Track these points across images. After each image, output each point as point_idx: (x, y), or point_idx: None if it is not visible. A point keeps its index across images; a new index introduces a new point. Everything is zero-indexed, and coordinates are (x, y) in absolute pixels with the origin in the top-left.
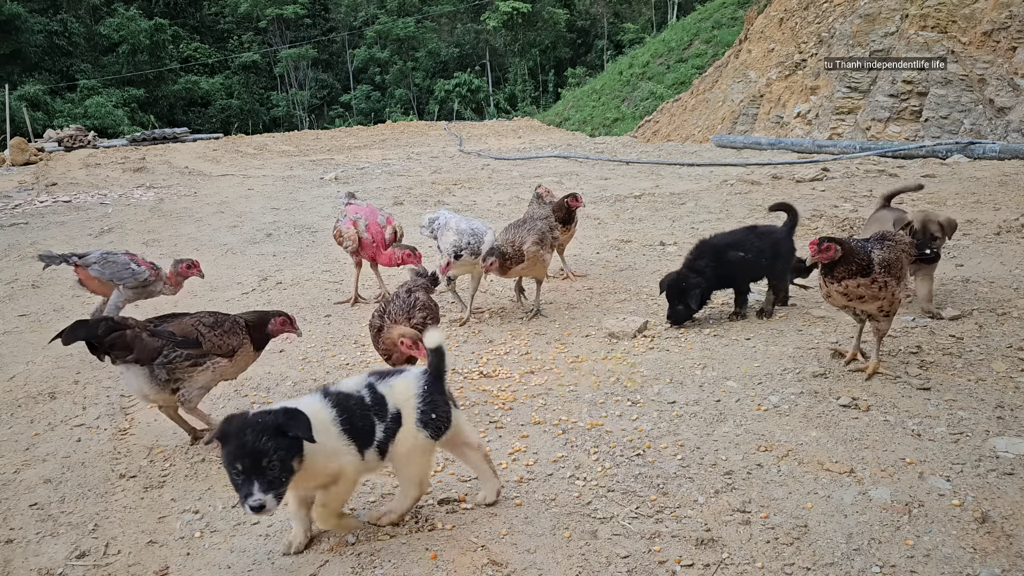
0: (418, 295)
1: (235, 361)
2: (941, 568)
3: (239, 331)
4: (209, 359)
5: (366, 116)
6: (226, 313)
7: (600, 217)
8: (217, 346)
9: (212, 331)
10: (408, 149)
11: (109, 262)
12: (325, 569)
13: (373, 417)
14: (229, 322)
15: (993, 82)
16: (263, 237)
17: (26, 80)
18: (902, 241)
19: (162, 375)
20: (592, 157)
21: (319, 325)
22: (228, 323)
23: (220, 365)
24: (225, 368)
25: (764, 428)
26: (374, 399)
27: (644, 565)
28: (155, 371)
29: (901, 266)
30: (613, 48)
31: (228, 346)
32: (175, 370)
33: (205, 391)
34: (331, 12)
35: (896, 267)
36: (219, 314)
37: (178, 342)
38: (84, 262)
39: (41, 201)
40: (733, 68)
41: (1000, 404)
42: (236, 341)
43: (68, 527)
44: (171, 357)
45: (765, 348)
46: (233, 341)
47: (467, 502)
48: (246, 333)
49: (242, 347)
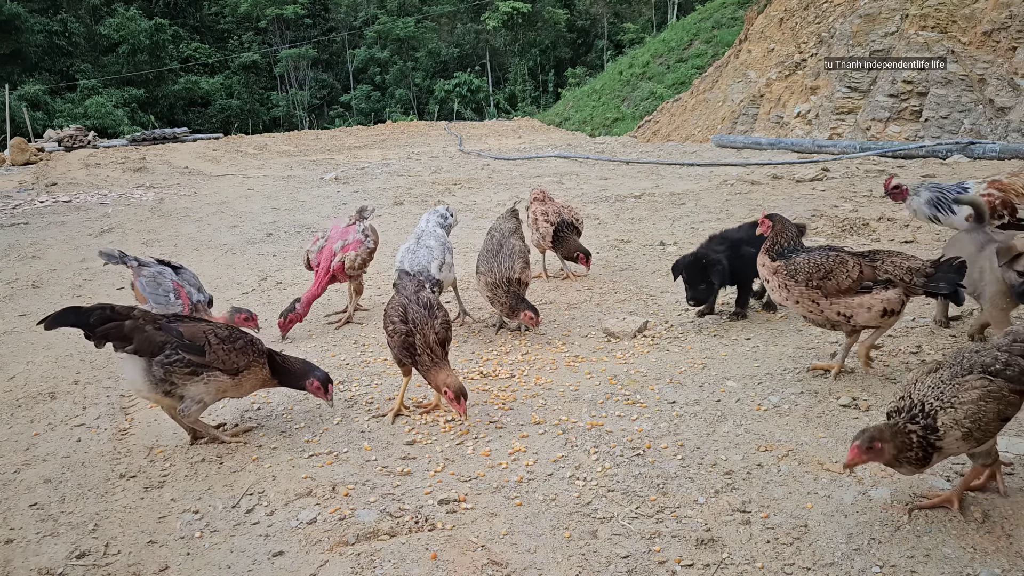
0: (423, 293)
1: (239, 381)
2: (941, 568)
3: (252, 353)
4: (208, 371)
5: (366, 116)
6: (247, 333)
7: (600, 217)
8: (221, 360)
9: (222, 344)
10: (408, 149)
11: (155, 283)
12: (325, 569)
13: None
14: (244, 340)
15: (993, 82)
16: (263, 237)
17: (26, 80)
18: (846, 264)
19: (158, 373)
20: (592, 157)
21: (319, 325)
22: (243, 341)
23: (218, 380)
24: (225, 385)
25: (764, 428)
26: None
27: (644, 565)
28: (152, 367)
29: (830, 280)
30: (613, 48)
31: (233, 364)
32: (172, 373)
33: (204, 406)
34: (331, 12)
35: (818, 278)
36: (238, 331)
37: (183, 345)
38: (138, 272)
39: (41, 201)
40: (733, 68)
41: None
42: (244, 361)
43: (68, 527)
44: (171, 359)
45: (765, 348)
46: (240, 360)
47: (467, 502)
48: (262, 358)
49: (250, 369)
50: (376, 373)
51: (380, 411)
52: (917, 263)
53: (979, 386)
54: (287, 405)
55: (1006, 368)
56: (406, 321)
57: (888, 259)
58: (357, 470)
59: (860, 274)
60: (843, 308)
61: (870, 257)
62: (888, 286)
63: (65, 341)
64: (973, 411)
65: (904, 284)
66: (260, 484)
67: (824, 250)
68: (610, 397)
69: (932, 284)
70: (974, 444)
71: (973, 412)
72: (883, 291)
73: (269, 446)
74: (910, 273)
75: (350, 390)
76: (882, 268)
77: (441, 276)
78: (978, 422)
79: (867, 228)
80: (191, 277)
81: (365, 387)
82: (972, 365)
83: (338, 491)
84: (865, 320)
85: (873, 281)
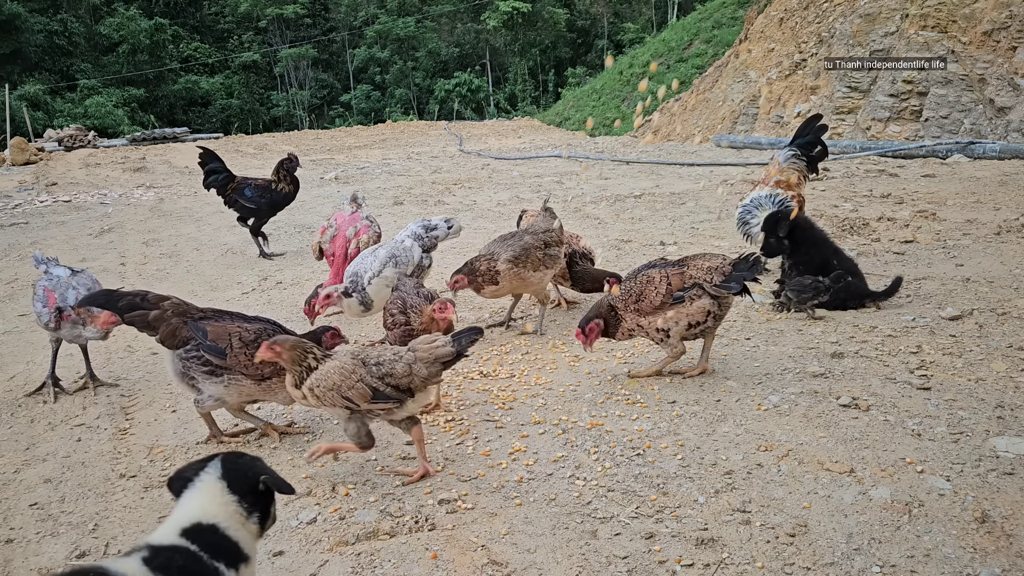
0: (423, 289)
1: (269, 387)
2: (941, 568)
3: None
4: (229, 374)
5: (366, 116)
6: (289, 336)
7: (600, 217)
8: (243, 365)
9: (245, 348)
10: (408, 149)
11: (34, 291)
12: (325, 569)
13: None
14: None
15: (993, 82)
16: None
17: (26, 80)
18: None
19: (179, 366)
20: (592, 157)
21: (320, 324)
22: None
23: (239, 384)
24: (250, 389)
25: (764, 428)
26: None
27: (644, 565)
28: (175, 360)
29: (643, 301)
30: (613, 48)
31: (257, 370)
32: (190, 368)
33: (220, 403)
34: (331, 12)
35: (634, 302)
36: (270, 332)
37: (204, 345)
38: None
39: (41, 201)
40: (733, 68)
41: (1000, 404)
42: (271, 368)
43: (68, 527)
44: (190, 355)
45: (765, 348)
46: (266, 367)
47: (467, 502)
48: None
49: (280, 376)
50: None
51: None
52: (717, 262)
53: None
54: (287, 405)
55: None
56: (404, 311)
57: (693, 263)
58: (357, 470)
59: (669, 287)
60: (661, 324)
61: (679, 265)
62: (700, 291)
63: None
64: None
65: (708, 286)
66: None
67: (634, 274)
68: (610, 397)
69: (725, 284)
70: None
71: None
72: (690, 303)
73: (269, 446)
74: (710, 273)
75: None
76: (687, 274)
77: (370, 287)
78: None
79: (867, 228)
80: (87, 280)
81: None
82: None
83: (338, 491)
84: (680, 332)
85: (682, 289)
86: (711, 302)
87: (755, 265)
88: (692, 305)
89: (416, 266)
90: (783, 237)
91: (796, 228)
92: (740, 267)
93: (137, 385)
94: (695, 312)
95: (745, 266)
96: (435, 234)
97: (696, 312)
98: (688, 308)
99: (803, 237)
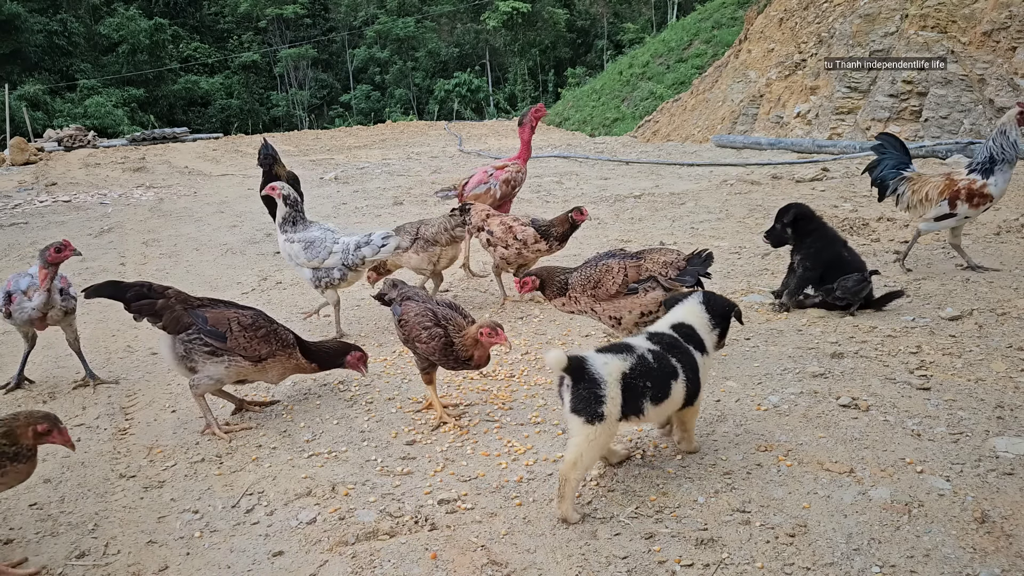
0: (437, 297)
1: (263, 368)
2: (941, 568)
3: (276, 342)
4: (229, 355)
5: (366, 116)
6: (273, 320)
7: (600, 217)
8: (242, 347)
9: (244, 331)
10: (408, 149)
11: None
12: (325, 569)
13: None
14: (267, 330)
15: (993, 82)
16: (263, 237)
17: (26, 80)
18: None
19: (180, 350)
20: (592, 157)
21: (321, 324)
22: (265, 330)
23: (238, 365)
24: (246, 370)
25: (764, 428)
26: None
27: (644, 565)
28: (176, 345)
29: (600, 288)
30: (613, 48)
31: (255, 351)
32: (192, 351)
33: (218, 384)
34: (331, 12)
35: (591, 288)
36: (263, 318)
37: (205, 330)
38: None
39: (41, 201)
40: (733, 68)
41: (1000, 404)
42: (267, 350)
43: (68, 527)
44: (192, 338)
45: (765, 348)
46: (263, 348)
47: (467, 502)
48: (290, 347)
49: (274, 357)
50: (376, 373)
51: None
52: (672, 257)
53: None
54: (287, 405)
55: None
56: (439, 324)
57: (650, 257)
58: (357, 470)
59: (626, 278)
60: (613, 311)
61: (636, 258)
62: (654, 284)
63: (65, 341)
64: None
65: (662, 279)
66: (260, 484)
67: (594, 261)
68: None
69: (680, 277)
70: None
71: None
72: (644, 295)
73: (269, 446)
74: (665, 267)
75: (350, 390)
76: (643, 267)
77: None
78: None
79: (867, 228)
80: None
81: (364, 387)
82: None
83: (338, 491)
84: (632, 320)
85: (638, 282)
86: (664, 294)
87: (707, 260)
88: (646, 296)
89: (324, 268)
90: (787, 224)
91: (802, 218)
92: (694, 262)
93: (137, 385)
94: (648, 303)
95: (698, 261)
96: (362, 253)
97: (649, 303)
98: (642, 299)
99: (808, 228)
